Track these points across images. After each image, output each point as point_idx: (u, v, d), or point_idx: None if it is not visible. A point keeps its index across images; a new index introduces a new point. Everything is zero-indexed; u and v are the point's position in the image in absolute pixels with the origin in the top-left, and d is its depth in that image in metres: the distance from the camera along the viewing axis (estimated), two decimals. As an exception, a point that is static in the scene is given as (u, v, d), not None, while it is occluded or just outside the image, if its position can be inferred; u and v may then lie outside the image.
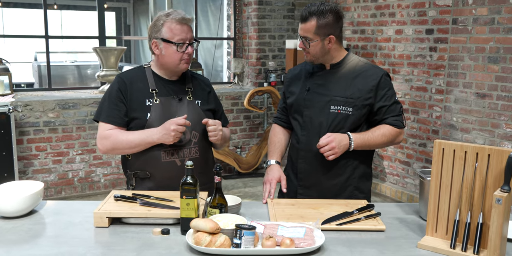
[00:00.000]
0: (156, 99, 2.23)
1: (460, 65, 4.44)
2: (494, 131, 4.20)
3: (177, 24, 2.17)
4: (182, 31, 2.17)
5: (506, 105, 4.09)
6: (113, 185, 5.31)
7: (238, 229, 1.67)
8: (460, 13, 4.39)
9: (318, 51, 2.18)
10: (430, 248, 1.75)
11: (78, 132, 5.05)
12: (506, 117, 4.09)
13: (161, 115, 2.21)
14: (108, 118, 2.22)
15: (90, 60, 8.33)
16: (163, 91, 2.26)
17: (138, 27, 9.90)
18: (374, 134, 2.20)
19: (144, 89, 2.25)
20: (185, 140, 2.24)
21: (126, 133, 2.20)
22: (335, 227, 1.90)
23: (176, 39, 2.17)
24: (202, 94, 2.36)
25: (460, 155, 1.74)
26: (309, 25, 2.13)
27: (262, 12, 5.84)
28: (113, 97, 2.24)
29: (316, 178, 2.28)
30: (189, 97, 2.29)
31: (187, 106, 2.26)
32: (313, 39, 2.15)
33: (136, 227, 1.91)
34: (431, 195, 1.82)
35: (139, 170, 2.26)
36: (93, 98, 5.06)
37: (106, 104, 2.25)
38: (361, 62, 2.27)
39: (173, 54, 2.18)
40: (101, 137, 2.22)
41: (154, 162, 2.22)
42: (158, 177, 2.24)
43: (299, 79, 2.33)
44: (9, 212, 1.95)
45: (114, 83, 2.28)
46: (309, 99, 2.26)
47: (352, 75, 2.23)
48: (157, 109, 2.22)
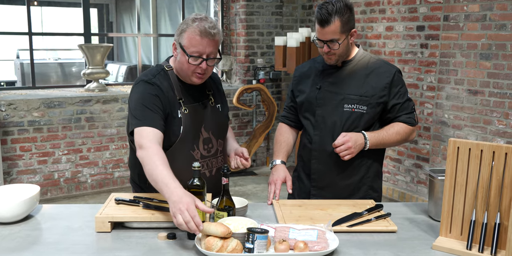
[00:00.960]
0: (184, 108, 2.05)
1: (452, 62, 4.43)
2: (487, 128, 4.20)
3: (198, 35, 1.94)
4: (200, 44, 1.95)
5: (498, 102, 4.09)
6: (100, 186, 5.19)
7: (251, 233, 1.60)
8: (452, 10, 4.38)
9: (345, 49, 2.12)
10: (446, 250, 1.71)
11: (64, 131, 4.92)
12: (499, 114, 4.10)
13: (191, 126, 2.05)
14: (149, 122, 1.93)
15: (73, 57, 8.15)
16: (187, 98, 2.08)
17: (121, 24, 9.72)
18: (388, 132, 2.15)
19: (174, 98, 2.04)
20: (213, 150, 2.14)
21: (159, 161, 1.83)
22: (346, 228, 1.85)
23: (191, 50, 1.96)
24: (219, 95, 2.23)
25: (476, 154, 1.70)
26: (333, 27, 2.04)
27: (251, 8, 5.76)
28: (149, 104, 1.96)
29: (330, 179, 2.23)
30: (211, 102, 2.16)
31: (211, 112, 2.13)
32: (341, 38, 2.07)
33: (140, 231, 1.83)
34: (446, 195, 1.78)
35: None
36: (79, 97, 4.93)
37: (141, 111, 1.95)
38: (373, 59, 2.22)
39: (185, 64, 2.00)
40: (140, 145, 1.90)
41: (182, 173, 1.92)
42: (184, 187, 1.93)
43: (308, 77, 2.27)
44: (5, 218, 1.85)
45: (147, 90, 2.00)
46: (321, 98, 2.20)
47: (365, 72, 2.17)
48: (188, 120, 2.05)
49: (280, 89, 6.16)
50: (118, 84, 5.95)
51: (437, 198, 1.98)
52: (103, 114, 5.07)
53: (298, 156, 2.37)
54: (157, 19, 8.38)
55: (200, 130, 2.10)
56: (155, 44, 8.62)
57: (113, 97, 5.09)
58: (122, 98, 5.13)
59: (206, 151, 2.12)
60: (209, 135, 2.13)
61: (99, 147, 5.13)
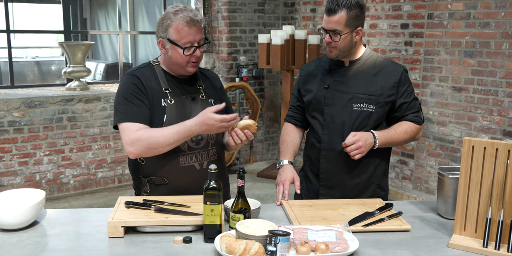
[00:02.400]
0: (170, 99, 2.09)
1: (436, 59, 4.49)
2: (471, 124, 4.28)
3: (185, 25, 1.98)
4: (190, 33, 1.99)
5: (483, 98, 4.17)
6: (83, 187, 5.08)
7: (273, 236, 1.58)
8: (436, 8, 4.44)
9: (347, 45, 2.12)
10: (463, 248, 1.72)
11: (46, 131, 4.79)
12: (483, 110, 4.18)
13: (176, 116, 2.07)
14: (133, 117, 2.01)
15: (45, 55, 7.94)
16: (175, 90, 2.12)
17: (95, 20, 9.52)
18: (397, 131, 2.16)
19: (157, 88, 2.09)
20: (203, 142, 2.12)
21: (158, 131, 1.98)
22: (361, 228, 1.85)
23: (183, 42, 2.00)
24: (214, 91, 2.23)
25: (491, 152, 1.72)
26: (338, 17, 2.05)
27: (233, 6, 5.72)
28: (130, 96, 2.04)
29: (339, 178, 2.22)
30: (202, 96, 2.16)
31: (201, 106, 2.11)
32: (343, 31, 2.08)
33: (153, 236, 1.79)
34: (460, 193, 1.79)
35: (155, 176, 2.11)
36: (60, 96, 4.81)
37: (123, 105, 2.04)
38: (380, 58, 2.22)
39: (179, 57, 2.03)
40: (132, 140, 1.97)
41: (172, 167, 2.07)
42: (176, 182, 2.10)
43: (315, 76, 2.26)
44: (11, 224, 1.79)
45: (126, 81, 2.09)
46: (329, 97, 2.19)
47: (373, 72, 2.18)
48: (173, 110, 2.08)
49: (263, 87, 6.15)
50: (100, 82, 5.83)
51: (447, 196, 2.00)
52: (86, 114, 4.96)
53: (305, 156, 2.36)
54: (134, 16, 8.24)
55: None
56: (132, 42, 8.48)
57: (95, 96, 4.98)
58: (104, 97, 5.03)
59: (194, 143, 2.10)
60: None
61: (82, 147, 5.02)
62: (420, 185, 4.77)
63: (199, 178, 2.05)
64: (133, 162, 2.17)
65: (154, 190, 2.13)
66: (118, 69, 7.38)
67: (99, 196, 5.03)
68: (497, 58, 4.03)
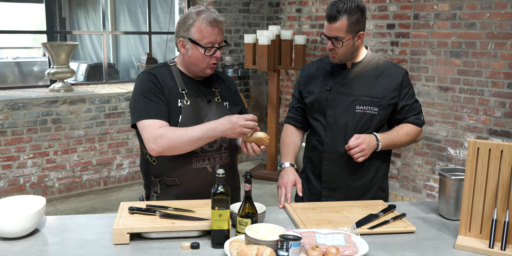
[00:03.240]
0: (186, 99, 2.07)
1: (422, 59, 4.54)
2: (457, 123, 4.34)
3: (208, 25, 1.98)
4: (213, 33, 1.99)
5: (469, 98, 4.23)
6: (68, 190, 5.00)
7: (285, 241, 1.57)
8: (422, 9, 4.48)
9: (349, 50, 2.11)
10: (469, 249, 1.74)
11: (29, 134, 4.69)
12: (469, 110, 4.24)
13: (191, 118, 2.05)
14: (153, 114, 1.99)
15: (30, 56, 7.77)
16: (191, 91, 2.10)
17: (74, 20, 9.35)
18: (398, 133, 2.17)
19: (174, 88, 2.07)
20: (217, 145, 2.11)
21: (182, 129, 1.97)
22: (367, 230, 1.85)
23: (205, 42, 2.00)
24: (229, 94, 2.22)
25: (496, 154, 1.74)
26: (339, 24, 2.04)
27: (218, 6, 5.69)
28: (148, 93, 2.02)
29: (341, 180, 2.23)
30: (217, 98, 2.15)
31: (216, 109, 2.11)
32: (345, 37, 2.07)
33: (160, 242, 1.76)
34: (465, 194, 1.81)
35: (166, 176, 2.09)
36: (45, 97, 4.72)
37: (142, 102, 2.01)
38: (382, 60, 2.23)
39: (200, 57, 2.02)
40: (155, 137, 1.94)
41: (184, 168, 2.06)
42: (188, 184, 2.08)
43: (316, 78, 2.25)
44: (12, 233, 1.74)
45: (143, 79, 2.06)
46: (331, 99, 2.19)
47: (375, 74, 2.18)
48: (188, 111, 2.06)
49: (249, 87, 6.13)
50: (84, 83, 5.73)
51: (449, 197, 2.02)
52: (70, 115, 4.88)
53: (306, 158, 2.36)
54: (115, 16, 8.13)
55: (201, 123, 2.05)
56: (114, 42, 8.36)
57: (80, 97, 4.90)
58: (89, 98, 4.95)
59: (207, 145, 2.09)
60: None
61: (66, 149, 4.93)
62: (407, 184, 4.82)
63: (210, 181, 2.00)
64: (144, 162, 2.16)
65: (165, 191, 2.11)
66: (102, 69, 7.28)
67: (85, 199, 4.96)
68: (482, 58, 4.09)
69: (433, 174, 4.57)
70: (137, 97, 2.05)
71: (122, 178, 5.33)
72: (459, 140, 4.33)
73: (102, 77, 7.49)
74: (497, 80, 4.02)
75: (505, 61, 3.95)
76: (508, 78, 3.95)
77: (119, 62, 8.38)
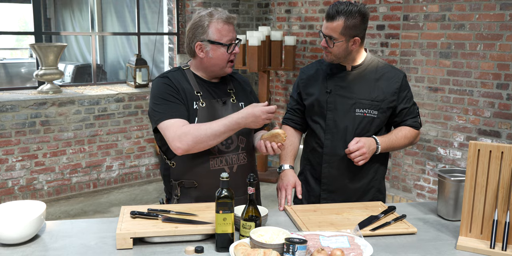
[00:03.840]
0: (202, 102, 2.08)
1: (412, 60, 4.58)
2: (447, 123, 4.39)
3: (224, 24, 2.03)
4: (230, 31, 2.05)
5: (458, 98, 4.28)
6: (57, 192, 4.94)
7: (291, 244, 1.57)
8: (411, 10, 4.52)
9: (342, 52, 2.12)
10: (471, 249, 1.76)
11: (18, 136, 4.63)
12: (458, 110, 4.29)
13: (207, 120, 2.05)
14: (174, 114, 2.01)
15: (15, 57, 7.66)
16: (206, 93, 2.12)
17: (60, 21, 9.24)
18: (397, 136, 2.19)
19: (189, 91, 2.09)
20: (233, 146, 2.11)
21: (205, 124, 1.99)
22: (369, 232, 1.86)
23: (225, 40, 2.04)
24: (244, 94, 2.23)
25: (496, 155, 1.76)
26: (335, 25, 2.06)
27: (207, 6, 5.67)
28: (166, 95, 2.05)
29: (341, 182, 2.23)
30: (232, 99, 2.16)
31: (231, 110, 2.11)
32: (338, 39, 2.08)
33: (163, 246, 1.75)
34: (466, 195, 1.83)
35: (185, 179, 2.10)
36: (33, 99, 4.66)
37: (161, 104, 2.03)
38: (381, 64, 2.24)
39: (222, 55, 2.05)
40: (179, 135, 1.95)
41: (202, 170, 2.07)
42: (206, 185, 2.08)
43: (316, 80, 2.26)
44: (13, 239, 1.71)
45: (158, 83, 2.10)
46: (331, 102, 2.19)
47: (375, 77, 2.19)
48: (204, 113, 2.07)
49: (238, 87, 6.12)
50: (72, 85, 5.67)
51: (448, 198, 2.04)
52: (59, 117, 4.83)
53: (305, 160, 2.36)
54: (102, 17, 8.06)
55: None
56: (101, 43, 8.29)
57: (69, 99, 4.85)
58: (78, 100, 4.90)
59: (224, 147, 2.10)
60: None
61: (56, 152, 4.88)
62: (397, 183, 4.86)
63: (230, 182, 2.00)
64: (164, 166, 2.18)
65: (185, 193, 2.13)
66: (89, 71, 7.22)
67: (75, 202, 4.91)
68: (472, 59, 4.14)
69: (423, 174, 4.62)
70: (156, 101, 2.06)
71: (112, 180, 5.29)
72: (449, 140, 4.37)
73: (89, 78, 7.43)
74: (486, 81, 4.07)
75: (493, 61, 4.00)
76: (496, 79, 4.00)
77: (106, 63, 8.31)
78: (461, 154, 4.30)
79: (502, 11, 3.89)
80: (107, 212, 4.66)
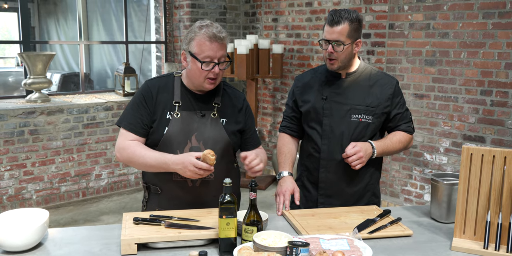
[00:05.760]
0: (177, 113, 2.10)
1: (398, 68, 4.68)
2: (433, 129, 4.48)
3: (207, 40, 2.00)
4: (211, 48, 2.00)
5: (443, 105, 4.38)
6: (46, 202, 4.92)
7: (294, 247, 1.62)
8: (397, 19, 4.63)
9: (348, 56, 2.19)
10: (465, 250, 1.82)
11: (6, 146, 4.61)
12: (444, 116, 4.39)
13: (179, 130, 2.08)
14: (130, 126, 2.11)
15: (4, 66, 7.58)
16: (187, 104, 2.12)
17: (44, 29, 9.21)
18: (392, 141, 2.25)
19: (168, 100, 2.12)
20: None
21: (144, 150, 2.06)
22: (367, 235, 1.92)
23: (202, 56, 2.01)
24: (231, 111, 2.19)
25: (488, 159, 1.83)
26: (341, 28, 2.12)
27: (195, 15, 5.73)
28: (136, 104, 2.14)
29: (338, 187, 2.29)
30: (213, 113, 2.14)
31: (209, 124, 2.11)
32: (346, 42, 2.14)
33: (167, 251, 1.78)
34: (459, 198, 1.90)
35: (152, 184, 2.19)
36: (22, 108, 4.64)
37: (129, 110, 2.15)
38: (374, 70, 2.31)
39: (197, 71, 2.03)
40: (120, 147, 2.10)
41: (165, 180, 2.13)
42: (168, 194, 2.15)
43: (311, 87, 2.32)
44: (17, 246, 1.73)
45: (139, 89, 2.18)
46: (327, 108, 2.25)
47: (369, 83, 2.26)
48: (176, 123, 2.09)
49: (226, 95, 6.16)
50: (61, 93, 5.65)
51: (441, 201, 2.11)
52: (48, 126, 4.82)
53: (301, 165, 2.41)
54: (88, 26, 8.05)
55: (189, 137, 2.10)
56: (86, 51, 8.27)
57: (58, 108, 4.85)
58: (67, 108, 4.90)
59: None
60: (199, 144, 2.10)
61: (44, 161, 4.86)
62: (385, 188, 4.94)
63: (191, 194, 2.12)
64: None
65: (152, 197, 2.21)
66: (75, 79, 7.20)
67: (64, 211, 4.88)
68: (456, 66, 4.25)
69: (411, 179, 4.70)
70: (129, 104, 2.18)
71: (101, 188, 5.28)
72: (435, 145, 4.47)
73: (76, 87, 7.41)
74: (470, 88, 4.17)
75: (477, 69, 4.12)
76: (480, 86, 4.11)
77: (92, 72, 8.30)
78: (447, 159, 4.40)
79: (485, 20, 4.01)
80: (97, 220, 4.65)
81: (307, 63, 5.51)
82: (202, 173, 1.94)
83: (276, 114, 5.95)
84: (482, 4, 4.01)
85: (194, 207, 2.11)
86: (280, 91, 5.89)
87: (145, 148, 2.08)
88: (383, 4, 4.71)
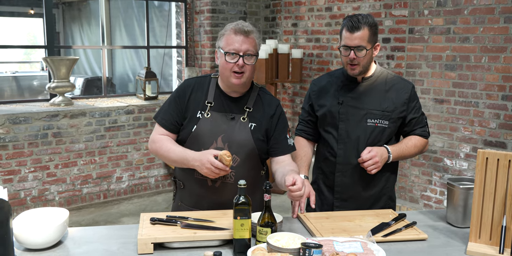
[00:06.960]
0: (208, 112, 2.16)
1: (418, 72, 4.66)
2: (453, 135, 4.45)
3: (233, 33, 2.07)
4: (236, 41, 2.05)
5: (464, 110, 4.34)
6: (68, 203, 5.01)
7: (307, 248, 1.64)
8: (417, 23, 4.61)
9: (369, 60, 2.21)
10: (480, 255, 1.82)
11: (30, 148, 4.72)
12: (464, 121, 4.35)
13: (207, 130, 2.12)
14: (162, 121, 2.21)
15: (30, 70, 7.77)
16: (219, 105, 2.17)
17: (68, 34, 9.41)
18: (407, 145, 2.26)
19: (201, 99, 2.19)
20: None
21: (170, 145, 2.15)
22: (381, 238, 1.92)
23: (228, 48, 2.06)
24: (262, 117, 2.17)
25: (504, 163, 1.82)
26: (362, 34, 2.14)
27: (216, 20, 5.79)
28: (171, 101, 2.23)
29: (354, 191, 2.30)
30: (243, 117, 2.15)
31: (238, 127, 2.13)
32: (367, 47, 2.17)
33: (182, 251, 1.82)
34: (475, 202, 1.89)
35: (178, 179, 2.28)
36: (46, 112, 4.75)
37: (165, 106, 2.25)
38: (390, 75, 2.32)
39: (223, 63, 2.09)
40: (152, 139, 2.22)
41: (187, 175, 2.20)
42: (189, 190, 2.22)
43: (327, 91, 2.34)
44: (38, 244, 1.78)
45: (178, 87, 2.27)
46: (343, 113, 2.27)
47: (385, 88, 2.27)
48: (205, 123, 2.14)
49: (245, 99, 6.20)
50: (83, 97, 5.77)
51: (457, 205, 2.10)
52: (71, 129, 4.92)
53: (317, 169, 2.42)
54: (111, 30, 8.20)
55: (216, 138, 2.13)
56: (109, 56, 8.41)
57: (81, 111, 4.95)
58: (90, 112, 5.00)
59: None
60: (224, 146, 2.13)
61: (67, 163, 4.96)
62: (404, 194, 4.91)
63: (209, 194, 2.16)
64: None
65: (178, 191, 2.31)
66: (98, 83, 7.32)
67: (86, 212, 4.97)
68: (476, 71, 4.21)
69: (430, 185, 4.67)
70: (166, 100, 2.27)
71: (122, 191, 5.36)
72: (455, 151, 4.43)
73: (98, 90, 7.53)
74: (491, 92, 4.14)
75: (498, 74, 4.08)
76: (501, 90, 4.07)
77: (115, 76, 8.44)
78: (468, 164, 4.36)
79: (506, 24, 3.97)
80: (118, 222, 4.72)
81: (326, 67, 5.52)
82: (217, 172, 1.98)
83: (295, 119, 5.97)
84: (504, 8, 3.98)
85: (212, 206, 2.14)
86: (300, 95, 5.91)
87: (172, 143, 2.17)
88: (403, 8, 4.70)
